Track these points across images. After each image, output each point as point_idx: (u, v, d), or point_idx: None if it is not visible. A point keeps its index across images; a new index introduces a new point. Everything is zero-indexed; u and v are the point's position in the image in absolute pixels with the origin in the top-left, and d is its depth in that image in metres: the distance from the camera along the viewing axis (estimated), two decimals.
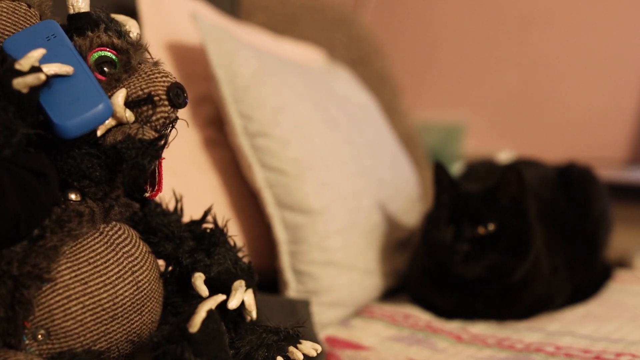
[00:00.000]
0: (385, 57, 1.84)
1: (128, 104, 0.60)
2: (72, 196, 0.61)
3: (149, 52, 0.66)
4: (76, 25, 0.63)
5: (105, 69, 0.61)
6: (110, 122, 0.59)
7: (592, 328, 1.02)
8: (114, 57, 0.61)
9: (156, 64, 0.65)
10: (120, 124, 0.60)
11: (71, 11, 0.64)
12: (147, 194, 0.65)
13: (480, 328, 1.07)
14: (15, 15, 0.61)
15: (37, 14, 0.63)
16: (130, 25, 0.67)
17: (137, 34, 0.66)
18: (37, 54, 0.56)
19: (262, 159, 1.10)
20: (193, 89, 1.12)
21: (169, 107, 0.61)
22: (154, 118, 0.60)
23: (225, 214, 0.79)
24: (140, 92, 0.60)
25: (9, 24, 0.60)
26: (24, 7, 0.62)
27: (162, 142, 0.61)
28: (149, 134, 0.59)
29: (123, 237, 0.62)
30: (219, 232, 0.72)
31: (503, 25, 2.22)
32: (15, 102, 0.53)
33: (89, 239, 0.59)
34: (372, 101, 1.53)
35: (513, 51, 2.20)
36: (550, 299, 1.13)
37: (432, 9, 2.37)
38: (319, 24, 1.67)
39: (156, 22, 1.16)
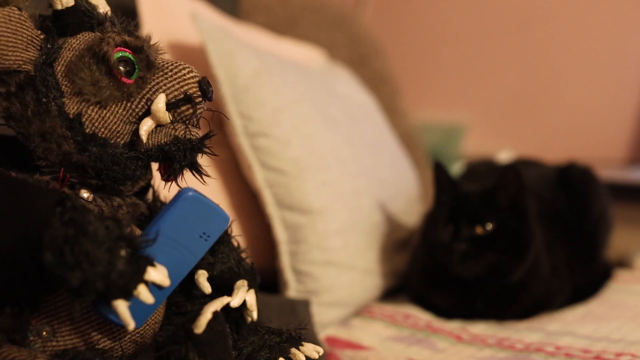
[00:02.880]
0: (385, 57, 1.84)
1: (167, 105, 0.60)
2: (85, 195, 0.61)
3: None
4: (69, 21, 0.62)
5: (120, 67, 0.60)
6: (150, 126, 0.60)
7: (592, 328, 1.02)
8: (130, 56, 0.61)
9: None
10: (158, 125, 0.60)
11: (59, 7, 0.62)
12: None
13: (480, 328, 1.08)
14: (12, 23, 0.58)
15: (27, 16, 0.60)
16: (101, 5, 0.66)
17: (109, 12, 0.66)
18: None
19: (262, 159, 1.10)
20: None
21: (204, 102, 0.63)
22: (194, 115, 0.62)
23: None
24: (176, 93, 0.61)
25: (9, 34, 0.58)
26: (17, 12, 0.59)
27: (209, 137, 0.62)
28: (195, 132, 0.61)
29: None
30: (224, 232, 0.72)
31: (503, 26, 2.22)
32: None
33: None
34: (372, 101, 1.53)
35: (513, 51, 2.20)
36: (550, 299, 1.13)
37: (432, 9, 2.37)
38: (319, 24, 1.67)
39: (156, 22, 1.15)
